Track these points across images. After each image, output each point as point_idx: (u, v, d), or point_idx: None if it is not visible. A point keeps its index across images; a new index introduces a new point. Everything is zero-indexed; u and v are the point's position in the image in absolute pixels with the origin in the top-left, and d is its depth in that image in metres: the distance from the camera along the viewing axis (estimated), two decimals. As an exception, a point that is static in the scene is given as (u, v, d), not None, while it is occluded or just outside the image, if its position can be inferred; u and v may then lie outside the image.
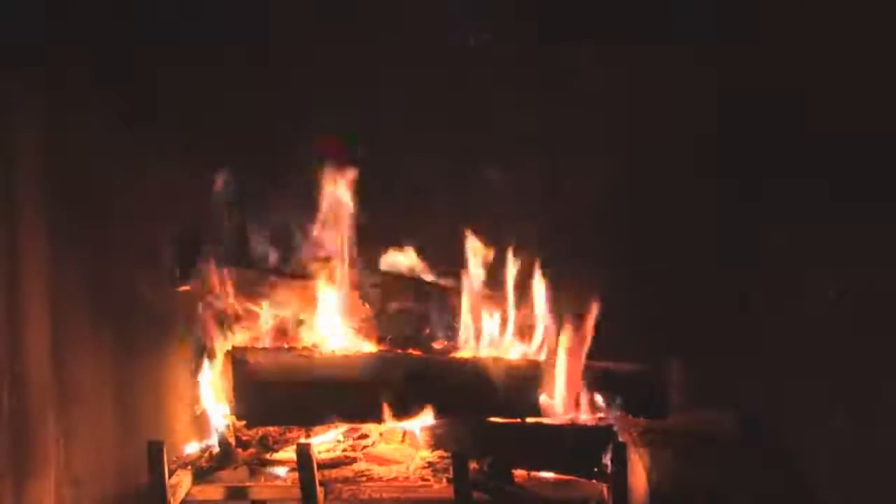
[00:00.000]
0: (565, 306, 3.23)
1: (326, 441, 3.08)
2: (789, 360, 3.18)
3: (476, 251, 3.22)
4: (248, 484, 2.91)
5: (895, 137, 2.94)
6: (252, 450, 2.96)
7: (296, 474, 2.78)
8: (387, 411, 2.94)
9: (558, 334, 3.15)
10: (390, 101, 3.35)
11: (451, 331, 3.17)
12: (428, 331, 3.15)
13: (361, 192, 3.19)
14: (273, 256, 3.21)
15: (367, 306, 3.13)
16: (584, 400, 3.07)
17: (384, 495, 2.82)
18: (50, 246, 2.94)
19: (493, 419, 3.00)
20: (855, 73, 3.04)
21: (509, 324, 3.24)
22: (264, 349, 2.97)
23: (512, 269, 3.24)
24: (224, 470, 2.93)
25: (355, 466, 2.96)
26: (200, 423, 3.10)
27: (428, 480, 2.89)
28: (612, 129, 3.35)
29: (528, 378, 3.06)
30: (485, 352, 3.18)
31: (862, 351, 3.08)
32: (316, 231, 3.12)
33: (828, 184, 3.15)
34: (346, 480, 2.87)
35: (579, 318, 3.15)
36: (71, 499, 2.99)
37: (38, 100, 2.94)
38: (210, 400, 3.05)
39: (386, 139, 3.35)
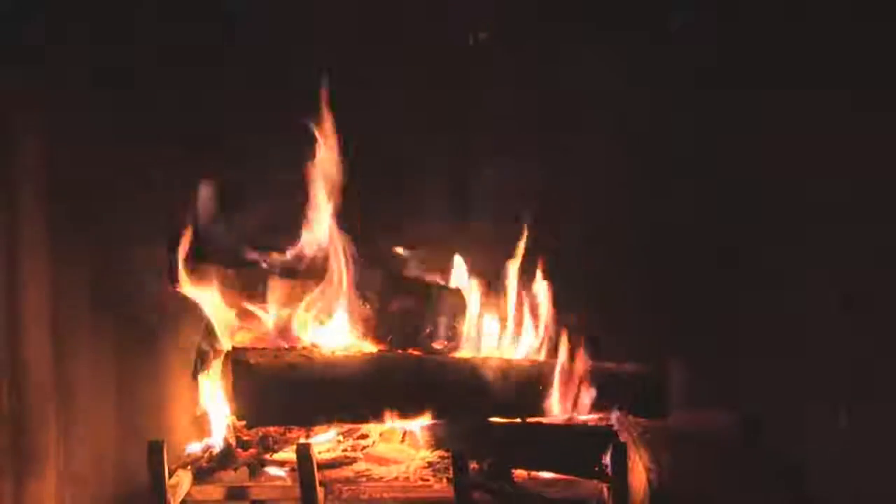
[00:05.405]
0: (566, 306, 3.23)
1: (326, 441, 3.07)
2: (789, 360, 3.19)
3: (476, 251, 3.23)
4: (248, 484, 2.91)
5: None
6: (252, 450, 2.96)
7: (296, 474, 2.77)
8: (387, 411, 2.94)
9: (559, 334, 3.14)
10: (389, 99, 3.36)
11: (452, 331, 3.16)
12: (428, 331, 3.14)
13: (361, 191, 3.19)
14: (273, 256, 3.21)
15: (368, 306, 3.12)
16: (584, 400, 3.07)
17: (384, 495, 2.82)
18: (50, 246, 2.94)
19: (493, 419, 2.99)
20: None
21: (510, 324, 3.23)
22: (264, 349, 2.96)
23: (512, 269, 3.24)
24: (224, 470, 2.93)
25: (355, 466, 2.95)
26: (200, 423, 3.10)
27: (428, 480, 2.88)
28: (612, 128, 3.35)
29: (529, 378, 3.06)
30: (485, 352, 3.18)
31: (862, 351, 3.09)
32: (315, 231, 3.11)
33: (830, 181, 3.15)
34: (346, 480, 2.87)
35: (579, 319, 3.15)
36: (71, 499, 2.99)
37: (39, 99, 2.95)
38: (210, 400, 3.05)
39: (385, 138, 3.35)
